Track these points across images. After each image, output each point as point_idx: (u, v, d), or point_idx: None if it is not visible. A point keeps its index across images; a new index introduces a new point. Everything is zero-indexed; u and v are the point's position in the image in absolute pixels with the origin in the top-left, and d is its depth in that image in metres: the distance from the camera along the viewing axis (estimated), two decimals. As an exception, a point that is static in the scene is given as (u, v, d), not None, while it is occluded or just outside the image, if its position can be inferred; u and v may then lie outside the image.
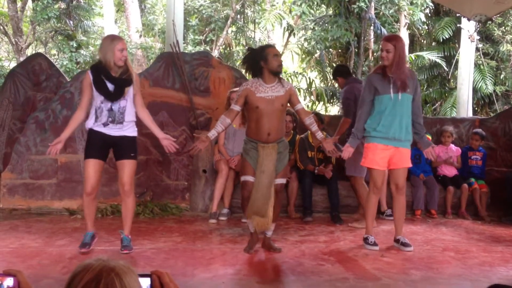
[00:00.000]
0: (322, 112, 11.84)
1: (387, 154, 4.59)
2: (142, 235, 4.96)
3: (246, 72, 4.61)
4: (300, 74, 13.60)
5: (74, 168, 6.48)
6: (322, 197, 6.35)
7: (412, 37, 13.81)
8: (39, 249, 4.38)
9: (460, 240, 5.23)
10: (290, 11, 13.90)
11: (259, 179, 4.18)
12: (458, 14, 10.62)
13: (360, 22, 11.72)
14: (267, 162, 4.19)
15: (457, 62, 11.92)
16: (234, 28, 14.98)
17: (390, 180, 4.78)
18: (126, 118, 4.27)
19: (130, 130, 4.33)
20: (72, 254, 4.20)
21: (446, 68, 12.57)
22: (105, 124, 4.24)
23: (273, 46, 4.46)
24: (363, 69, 12.37)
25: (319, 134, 4.38)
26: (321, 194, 6.35)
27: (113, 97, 4.21)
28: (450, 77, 13.25)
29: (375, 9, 12.18)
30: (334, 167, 6.21)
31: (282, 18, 13.60)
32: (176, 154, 6.59)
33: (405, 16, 12.47)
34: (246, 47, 6.32)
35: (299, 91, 12.77)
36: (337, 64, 6.49)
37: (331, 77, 10.18)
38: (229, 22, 13.74)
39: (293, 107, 4.43)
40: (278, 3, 14.68)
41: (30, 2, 15.01)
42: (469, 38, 10.30)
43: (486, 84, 12.22)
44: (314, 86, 13.04)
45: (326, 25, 12.09)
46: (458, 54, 11.82)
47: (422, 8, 12.39)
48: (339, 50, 13.26)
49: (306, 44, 14.05)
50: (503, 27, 12.79)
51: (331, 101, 12.78)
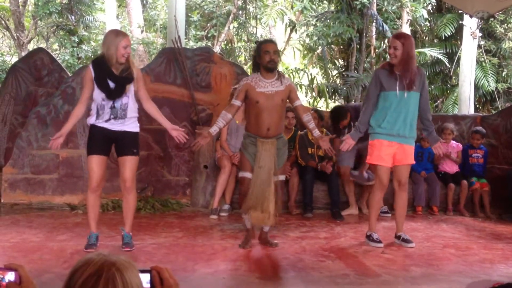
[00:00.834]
0: (323, 108, 11.83)
1: (392, 150, 4.59)
2: (143, 230, 4.97)
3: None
4: (301, 70, 13.60)
5: (76, 163, 6.48)
6: (323, 193, 6.35)
7: (414, 33, 13.76)
8: (40, 244, 4.39)
9: (460, 237, 5.23)
10: (292, 7, 13.88)
11: (257, 174, 4.20)
12: (460, 11, 10.57)
13: (362, 18, 11.70)
14: (265, 157, 4.21)
15: (459, 59, 11.90)
16: (235, 24, 14.96)
17: (393, 176, 4.77)
18: (128, 115, 4.24)
19: (132, 126, 4.30)
20: (73, 249, 4.21)
21: (448, 65, 12.55)
22: (107, 120, 4.21)
23: (268, 42, 4.45)
24: (365, 65, 12.36)
25: (316, 132, 4.40)
26: (322, 190, 6.35)
27: (114, 95, 4.17)
28: (452, 74, 13.23)
29: (377, 5, 12.16)
30: (334, 164, 6.21)
31: (284, 14, 13.58)
32: (177, 150, 6.60)
33: (407, 12, 12.45)
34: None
35: (301, 88, 12.77)
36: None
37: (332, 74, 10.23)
38: (230, 18, 13.71)
39: (292, 103, 4.44)
40: (280, -1, 14.69)
41: (31, -3, 15.01)
42: (471, 35, 10.28)
43: (488, 81, 12.20)
44: (315, 82, 13.03)
45: (328, 21, 12.08)
46: (460, 51, 11.80)
47: (425, 4, 12.37)
48: (341, 46, 13.23)
49: (308, 40, 14.04)
50: (506, 24, 12.76)
51: (333, 97, 12.76)
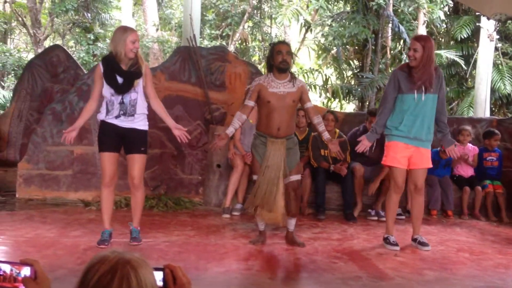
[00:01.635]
0: (338, 109, 11.79)
1: (408, 153, 4.56)
2: (156, 228, 4.99)
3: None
4: (316, 70, 13.56)
5: (90, 160, 6.52)
6: (336, 194, 6.32)
7: (430, 35, 13.66)
8: (54, 239, 4.42)
9: (475, 241, 5.18)
10: (307, 6, 13.84)
11: (264, 173, 4.23)
12: (477, 13, 10.47)
13: (378, 19, 11.64)
14: (274, 157, 4.25)
15: (475, 61, 11.80)
16: (250, 23, 14.98)
17: (409, 180, 4.74)
18: (137, 111, 4.27)
19: (141, 123, 4.33)
20: (86, 245, 4.23)
21: (464, 67, 12.44)
22: (117, 116, 4.25)
23: (281, 43, 4.50)
24: (380, 66, 12.30)
25: (326, 135, 4.41)
26: (335, 191, 6.32)
27: (121, 90, 4.21)
28: (468, 76, 13.11)
29: (394, 6, 12.09)
30: (348, 166, 6.18)
31: (299, 14, 13.55)
32: (190, 148, 6.61)
33: (424, 14, 12.36)
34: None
35: (315, 88, 12.73)
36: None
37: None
38: (245, 17, 13.73)
39: (303, 105, 4.45)
40: (295, -1, 14.66)
41: (49, -6, 15.15)
42: (488, 37, 10.19)
43: (504, 84, 12.07)
44: (330, 83, 12.99)
45: (344, 21, 12.03)
46: (477, 53, 11.69)
47: (441, 6, 12.27)
48: (356, 47, 13.18)
49: (323, 40, 14.00)
50: (523, 27, 12.61)
51: (347, 98, 12.71)
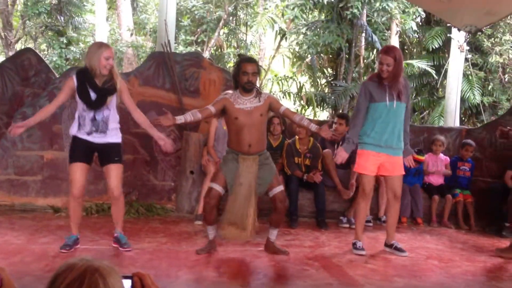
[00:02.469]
0: (311, 117, 11.87)
1: (378, 161, 4.66)
2: (127, 235, 4.89)
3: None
4: (290, 78, 13.63)
5: (60, 165, 6.42)
6: (309, 201, 6.34)
7: (402, 45, 13.89)
8: (22, 246, 4.34)
9: (443, 248, 5.26)
10: (283, 15, 13.93)
11: (237, 191, 4.19)
12: (448, 24, 10.67)
13: (352, 28, 11.78)
14: (246, 174, 4.20)
15: (446, 71, 12.03)
16: (226, 30, 14.99)
17: (387, 188, 4.84)
18: (109, 126, 4.27)
19: (114, 137, 4.32)
20: (55, 252, 4.16)
21: (435, 77, 12.66)
22: (89, 133, 4.24)
23: (248, 62, 4.29)
24: (353, 75, 12.44)
25: (313, 126, 4.31)
26: (307, 198, 6.34)
27: (94, 106, 4.19)
28: (438, 86, 13.36)
29: (367, 16, 12.26)
30: (321, 173, 6.21)
31: (274, 22, 13.62)
32: (163, 154, 6.57)
33: (396, 24, 12.55)
34: (237, 53, 6.25)
35: (289, 95, 12.80)
36: None
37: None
38: (221, 24, 13.74)
39: (278, 112, 4.42)
40: (270, 7, 14.71)
41: (21, -4, 14.92)
42: (458, 48, 10.37)
43: (474, 94, 12.33)
44: (304, 90, 13.07)
45: (318, 30, 12.13)
46: (448, 63, 11.92)
47: (414, 17, 12.48)
48: (330, 56, 13.30)
49: (297, 48, 14.09)
50: (493, 39, 12.91)
51: (321, 106, 12.81)
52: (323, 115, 14.38)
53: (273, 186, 4.30)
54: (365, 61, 12.98)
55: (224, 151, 5.91)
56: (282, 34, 14.38)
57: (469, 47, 12.06)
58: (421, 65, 12.52)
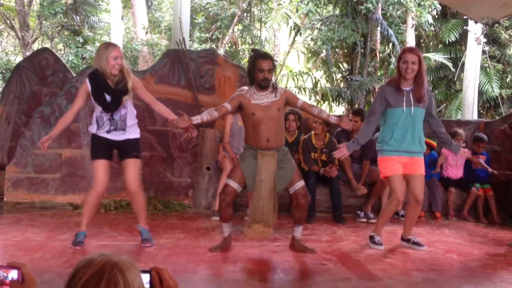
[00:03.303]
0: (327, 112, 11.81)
1: (400, 162, 4.59)
2: (145, 231, 4.97)
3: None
4: (305, 73, 13.59)
5: (78, 163, 6.49)
6: (325, 196, 6.34)
7: (418, 38, 13.77)
8: (42, 243, 4.40)
9: (463, 242, 5.21)
10: (297, 10, 13.89)
11: (259, 188, 4.13)
12: (465, 17, 10.56)
13: (367, 22, 11.70)
14: (267, 170, 4.13)
15: (463, 64, 11.89)
16: (240, 26, 14.99)
17: (409, 192, 4.72)
18: (128, 124, 4.30)
19: (133, 133, 4.37)
20: (75, 248, 4.20)
21: (452, 70, 12.53)
22: (108, 131, 4.27)
23: (262, 58, 4.20)
24: (369, 69, 12.35)
25: (333, 118, 4.24)
26: (324, 193, 6.34)
27: (110, 108, 4.22)
28: (456, 79, 13.21)
29: (382, 9, 12.15)
30: (337, 168, 6.20)
31: (289, 18, 13.59)
32: (180, 151, 6.61)
33: (412, 17, 12.43)
34: (251, 48, 6.14)
35: (304, 91, 12.76)
36: None
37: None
38: (235, 20, 13.74)
39: (295, 106, 4.32)
40: (285, 2, 14.68)
41: (37, -3, 15.07)
42: (475, 40, 10.28)
43: (492, 87, 12.18)
44: (319, 86, 13.02)
45: (333, 25, 12.07)
46: (465, 56, 11.78)
47: (430, 9, 12.35)
48: (345, 51, 13.23)
49: (312, 43, 14.04)
50: (510, 30, 12.75)
51: (337, 101, 12.76)
52: (339, 110, 14.33)
53: (294, 182, 4.22)
54: (380, 55, 12.88)
55: (240, 147, 5.93)
56: (297, 29, 14.34)
57: (486, 40, 11.92)
58: (437, 58, 12.40)
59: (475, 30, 10.04)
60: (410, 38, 12.51)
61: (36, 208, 6.13)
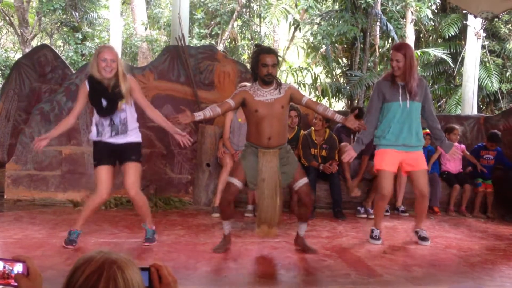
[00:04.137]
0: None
1: (398, 158, 4.60)
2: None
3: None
4: (305, 69, 13.58)
5: (78, 160, 6.49)
6: (325, 192, 6.34)
7: (418, 33, 13.76)
8: (43, 240, 4.40)
9: (462, 237, 5.22)
10: (296, 6, 13.87)
11: (262, 188, 4.07)
12: (464, 11, 10.56)
13: (366, 17, 11.68)
14: (267, 169, 4.05)
15: (463, 59, 11.88)
16: (239, 22, 14.97)
17: (414, 187, 4.74)
18: (129, 127, 4.25)
19: (134, 136, 4.31)
20: (76, 245, 4.21)
21: (451, 65, 12.52)
22: (109, 137, 4.23)
23: (266, 52, 4.09)
24: (369, 64, 12.34)
25: (338, 116, 4.15)
26: (324, 189, 6.35)
27: (105, 113, 4.16)
28: (455, 74, 13.21)
29: (382, 4, 12.13)
30: (337, 163, 6.20)
31: (288, 13, 13.57)
32: (180, 148, 6.61)
33: (411, 12, 12.42)
34: (254, 44, 6.05)
35: (304, 86, 12.76)
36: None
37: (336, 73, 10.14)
38: (234, 16, 13.72)
39: (300, 103, 4.21)
40: (284, -3, 14.66)
41: (36, -7, 15.05)
42: (475, 35, 10.26)
43: (491, 81, 12.17)
44: (319, 81, 13.02)
45: (332, 20, 12.06)
46: (464, 51, 11.78)
47: (429, 4, 12.34)
48: (345, 46, 13.22)
49: (311, 39, 14.03)
50: (510, 25, 12.73)
51: (336, 96, 12.75)
52: (339, 106, 14.32)
53: (296, 179, 4.15)
54: (380, 50, 12.87)
55: (239, 143, 5.94)
56: (296, 25, 14.33)
57: (485, 34, 11.91)
58: (437, 53, 12.39)
59: (475, 24, 10.03)
60: (410, 33, 12.50)
61: (36, 205, 6.14)
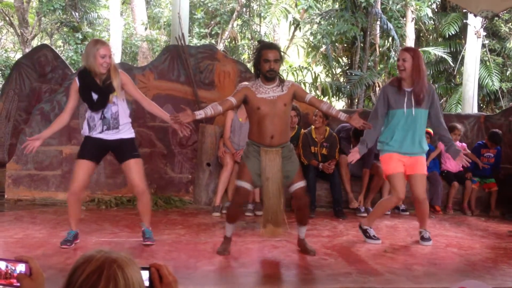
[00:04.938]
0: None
1: (402, 161, 4.55)
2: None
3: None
4: (305, 68, 13.58)
5: (79, 159, 6.48)
6: (326, 191, 6.35)
7: (418, 32, 13.75)
8: (44, 239, 4.40)
9: (463, 236, 5.22)
10: (296, 5, 13.86)
11: (266, 187, 4.00)
12: (464, 10, 10.54)
13: (366, 16, 11.67)
14: (271, 168, 3.97)
15: (463, 58, 11.87)
16: (239, 21, 14.96)
17: (412, 192, 4.66)
18: (121, 122, 4.19)
19: (127, 133, 4.25)
20: (76, 245, 4.21)
21: (452, 64, 12.52)
22: (101, 132, 4.17)
23: (268, 47, 4.04)
24: (369, 64, 12.33)
25: (342, 115, 4.04)
26: (324, 188, 6.35)
27: (96, 107, 4.11)
28: (456, 73, 13.20)
29: (382, 3, 12.13)
30: (337, 162, 6.20)
31: (288, 12, 13.57)
32: (180, 147, 6.61)
33: (412, 11, 12.41)
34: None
35: (304, 85, 12.75)
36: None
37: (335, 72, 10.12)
38: (234, 16, 13.71)
39: (303, 101, 4.12)
40: (283, -3, 14.66)
41: (36, -7, 15.05)
42: (475, 34, 10.25)
43: (492, 80, 12.16)
44: (319, 80, 13.02)
45: (332, 19, 12.05)
46: (464, 50, 11.77)
47: (429, 3, 12.33)
48: (345, 45, 13.20)
49: (312, 38, 14.01)
50: (510, 24, 12.72)
51: (336, 95, 12.75)
52: (339, 105, 14.31)
53: (294, 181, 4.08)
54: (380, 49, 12.85)
55: (240, 143, 5.94)
56: (296, 24, 14.32)
57: (486, 33, 11.89)
58: (437, 52, 12.38)
59: (475, 23, 10.02)
60: (410, 32, 12.49)
61: (37, 205, 6.14)
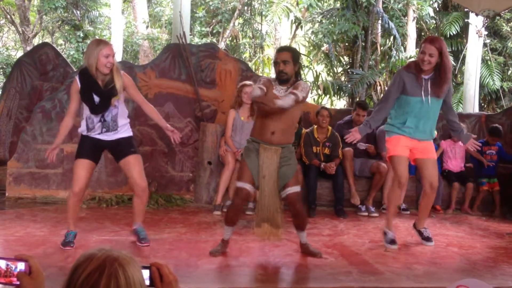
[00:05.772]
0: (328, 105, 11.81)
1: (410, 144, 4.45)
2: (147, 226, 4.94)
3: None
4: (307, 67, 13.57)
5: (80, 158, 6.48)
6: (327, 190, 6.34)
7: (419, 31, 13.73)
8: (44, 238, 4.41)
9: (464, 235, 5.23)
10: (298, 4, 13.85)
11: (263, 186, 3.97)
12: (466, 9, 10.54)
13: (368, 15, 11.66)
14: (268, 166, 3.94)
15: (464, 57, 11.86)
16: (241, 20, 14.95)
17: (423, 178, 4.61)
18: (119, 123, 4.16)
19: (125, 132, 4.22)
20: (77, 243, 4.21)
21: (453, 63, 12.49)
22: (99, 133, 4.14)
23: (279, 50, 4.11)
24: (370, 63, 12.33)
25: None
26: (326, 187, 6.35)
27: (97, 110, 4.06)
28: (457, 72, 13.18)
29: (383, 2, 12.12)
30: (340, 162, 6.20)
31: (289, 11, 13.55)
32: (181, 146, 6.61)
33: (413, 10, 12.40)
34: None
35: (305, 84, 12.73)
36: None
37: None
38: (236, 14, 13.70)
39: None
40: (285, -5, 14.64)
41: (37, -8, 15.05)
42: (477, 33, 10.24)
43: (493, 80, 12.16)
44: (320, 79, 13.01)
45: (334, 18, 12.04)
46: (466, 49, 11.75)
47: (431, 2, 12.32)
48: (347, 44, 13.20)
49: (313, 37, 14.00)
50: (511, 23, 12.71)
51: (338, 94, 12.75)
52: (340, 104, 14.31)
53: (288, 185, 3.99)
54: (381, 48, 12.85)
55: (242, 142, 5.94)
56: (298, 23, 14.31)
57: (487, 32, 11.87)
58: (439, 51, 12.34)
59: (476, 22, 10.00)
60: (411, 31, 12.48)
61: (38, 203, 6.14)
